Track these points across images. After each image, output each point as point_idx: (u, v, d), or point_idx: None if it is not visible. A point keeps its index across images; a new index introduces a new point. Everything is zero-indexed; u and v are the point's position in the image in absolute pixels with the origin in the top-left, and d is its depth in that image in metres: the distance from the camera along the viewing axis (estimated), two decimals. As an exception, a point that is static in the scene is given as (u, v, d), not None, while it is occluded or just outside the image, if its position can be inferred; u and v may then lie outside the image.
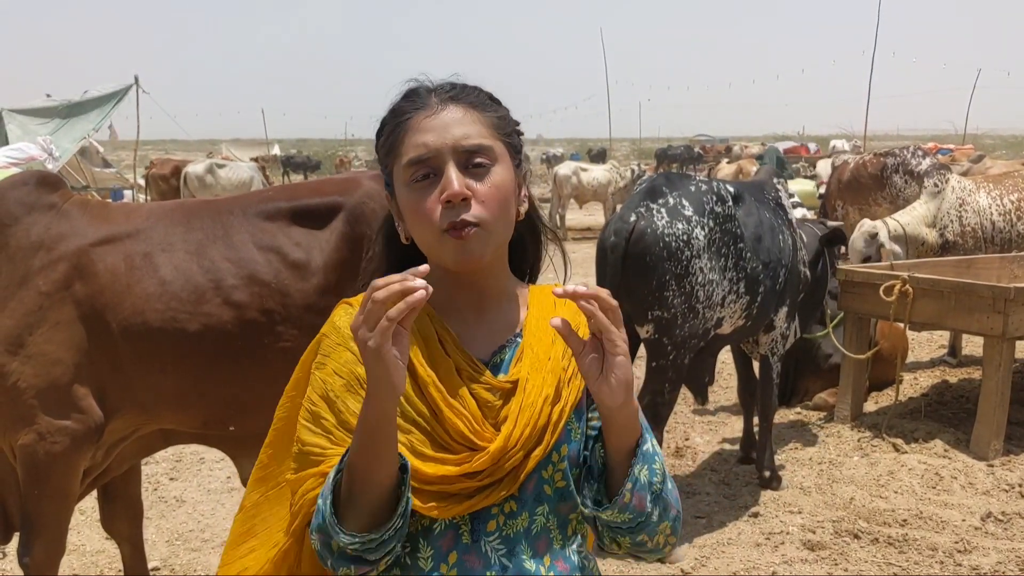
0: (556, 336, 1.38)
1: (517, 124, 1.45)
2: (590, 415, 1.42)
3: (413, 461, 1.29)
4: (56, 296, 2.66)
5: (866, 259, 6.61)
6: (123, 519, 3.26)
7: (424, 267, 1.18)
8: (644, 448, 1.29)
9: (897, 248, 6.69)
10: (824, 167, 17.18)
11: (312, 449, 1.34)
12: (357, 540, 1.23)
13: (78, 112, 13.49)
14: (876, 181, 10.41)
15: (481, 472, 1.31)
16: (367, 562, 1.26)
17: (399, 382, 1.18)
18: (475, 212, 1.31)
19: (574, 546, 1.40)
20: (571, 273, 1.57)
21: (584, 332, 1.37)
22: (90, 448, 2.73)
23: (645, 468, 1.29)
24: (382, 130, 1.41)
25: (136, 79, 15.32)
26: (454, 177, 1.31)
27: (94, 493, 3.19)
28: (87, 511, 4.36)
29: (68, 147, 12.69)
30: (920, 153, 10.45)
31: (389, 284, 1.15)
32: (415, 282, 1.15)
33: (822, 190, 13.78)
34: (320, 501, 1.27)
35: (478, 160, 1.34)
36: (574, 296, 1.19)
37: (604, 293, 1.21)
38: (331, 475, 1.27)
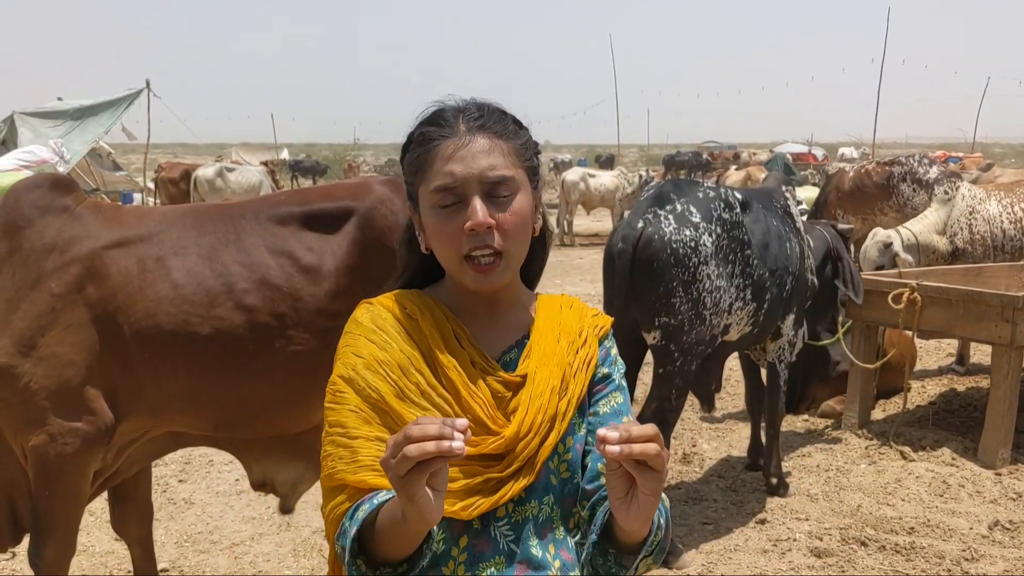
0: (561, 334, 1.49)
1: (537, 146, 1.54)
2: (590, 411, 1.51)
3: None
4: (68, 298, 2.67)
5: (879, 268, 6.60)
6: (133, 520, 3.27)
7: (463, 421, 1.14)
8: (649, 540, 1.33)
9: (910, 258, 6.68)
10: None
11: (336, 429, 1.40)
12: None
13: (89, 115, 13.54)
14: (882, 190, 10.26)
15: (500, 460, 1.39)
16: None
17: (432, 518, 1.17)
18: (497, 240, 1.40)
19: (578, 538, 1.47)
20: (578, 279, 1.59)
21: (590, 339, 1.51)
22: (101, 450, 2.73)
23: (645, 557, 1.34)
24: (408, 147, 1.49)
25: (147, 83, 15.38)
26: (479, 208, 1.39)
27: (104, 494, 3.21)
28: (97, 512, 4.39)
29: (79, 150, 12.74)
30: (927, 161, 10.37)
31: (423, 441, 1.11)
32: (453, 443, 1.11)
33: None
34: (346, 522, 1.31)
35: (500, 191, 1.42)
36: (623, 456, 1.15)
37: (643, 439, 1.16)
38: (362, 511, 1.30)
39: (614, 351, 1.57)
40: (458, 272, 1.43)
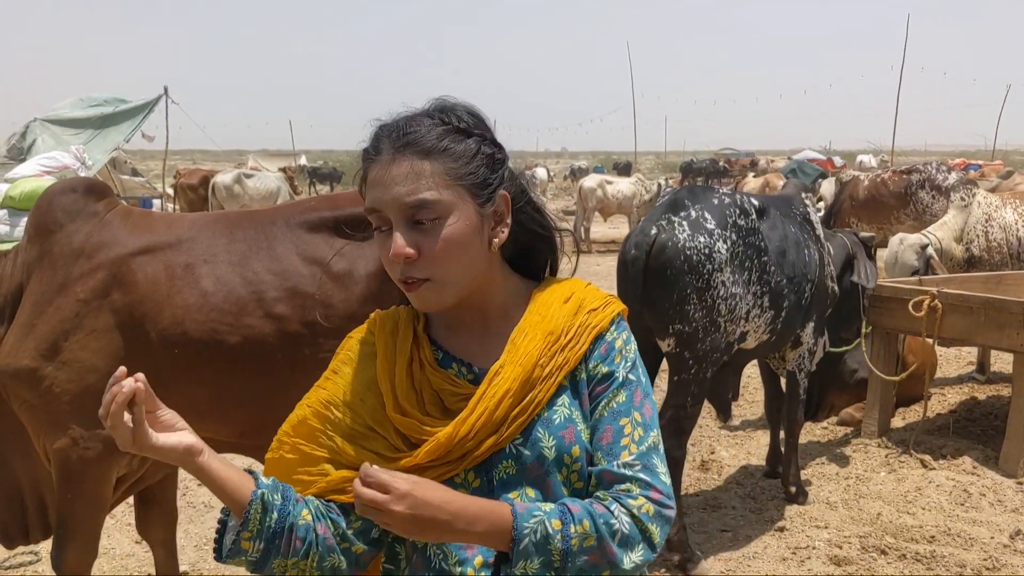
0: (541, 335, 1.42)
1: (491, 153, 1.42)
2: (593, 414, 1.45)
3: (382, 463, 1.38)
4: (94, 304, 2.68)
5: (915, 273, 6.55)
6: (159, 524, 3.29)
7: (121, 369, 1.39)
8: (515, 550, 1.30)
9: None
10: (828, 187, 16.38)
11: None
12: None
13: (110, 123, 13.60)
14: (899, 199, 10.34)
15: (451, 463, 1.39)
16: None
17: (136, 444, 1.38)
18: (422, 268, 1.37)
19: None
20: (595, 285, 1.58)
21: (576, 341, 1.44)
22: (123, 456, 2.75)
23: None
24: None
25: (166, 90, 15.44)
26: (397, 238, 1.36)
27: (129, 497, 3.23)
28: (117, 514, 4.41)
29: (100, 158, 12.80)
30: (945, 168, 10.45)
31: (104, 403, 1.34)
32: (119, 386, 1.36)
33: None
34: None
35: (423, 216, 1.36)
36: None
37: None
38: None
39: (619, 343, 1.45)
40: (403, 291, 1.44)
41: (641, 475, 1.37)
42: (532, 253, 1.54)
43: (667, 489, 1.38)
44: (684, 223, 3.93)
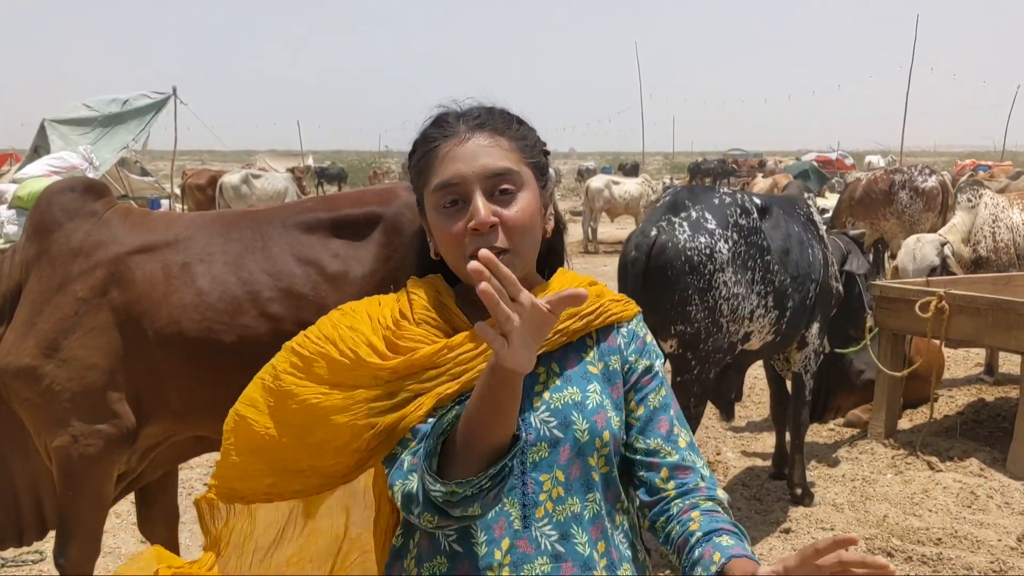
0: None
1: (544, 145, 1.51)
2: (639, 404, 1.49)
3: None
4: (92, 302, 2.69)
5: (934, 270, 6.53)
6: (160, 523, 3.29)
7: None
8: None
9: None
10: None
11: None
12: (441, 489, 1.25)
13: (118, 123, 13.65)
14: (884, 197, 10.89)
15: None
16: (447, 515, 1.28)
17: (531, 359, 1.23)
18: (502, 240, 1.38)
19: (621, 535, 1.46)
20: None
21: (597, 318, 1.47)
22: (123, 452, 2.76)
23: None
24: (413, 153, 1.49)
25: (174, 90, 15.49)
26: (481, 206, 1.37)
27: (131, 496, 3.23)
28: (123, 514, 4.42)
29: (108, 158, 12.84)
30: (927, 171, 10.99)
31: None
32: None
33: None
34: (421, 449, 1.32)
35: (504, 187, 1.40)
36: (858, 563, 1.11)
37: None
38: (436, 426, 1.29)
39: (650, 338, 1.54)
40: (465, 273, 1.38)
41: (702, 469, 1.48)
42: (542, 253, 1.55)
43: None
44: (684, 224, 3.91)
